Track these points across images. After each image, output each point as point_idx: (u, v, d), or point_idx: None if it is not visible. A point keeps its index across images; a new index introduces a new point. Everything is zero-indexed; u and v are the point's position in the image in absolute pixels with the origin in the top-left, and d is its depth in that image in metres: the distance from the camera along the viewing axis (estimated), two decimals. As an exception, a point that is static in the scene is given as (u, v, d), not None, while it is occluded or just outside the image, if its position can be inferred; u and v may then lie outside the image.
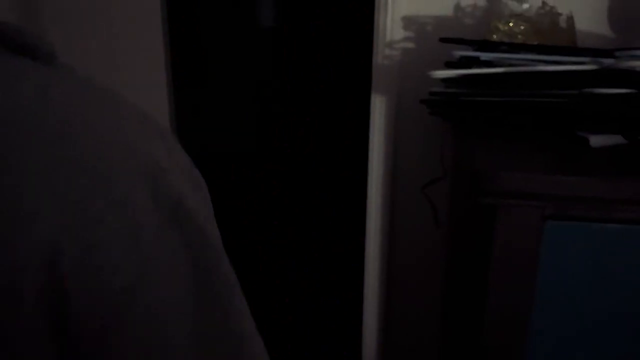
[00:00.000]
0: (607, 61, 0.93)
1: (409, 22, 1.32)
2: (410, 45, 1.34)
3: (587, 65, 0.94)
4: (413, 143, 1.42)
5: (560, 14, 1.15)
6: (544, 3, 1.15)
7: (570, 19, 1.15)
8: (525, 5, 1.16)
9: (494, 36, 1.13)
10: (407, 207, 1.48)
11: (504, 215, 0.82)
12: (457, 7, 1.29)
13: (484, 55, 1.02)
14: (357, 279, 1.57)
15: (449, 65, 1.06)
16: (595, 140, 0.89)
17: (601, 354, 0.88)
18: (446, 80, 1.08)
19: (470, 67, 1.01)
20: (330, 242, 2.70)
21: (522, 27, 1.13)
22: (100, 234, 0.36)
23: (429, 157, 1.38)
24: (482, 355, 0.91)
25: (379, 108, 1.39)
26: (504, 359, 0.90)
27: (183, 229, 0.39)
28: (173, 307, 0.39)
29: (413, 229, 1.50)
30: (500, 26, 1.13)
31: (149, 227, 0.38)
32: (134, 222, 0.37)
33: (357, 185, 1.51)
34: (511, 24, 1.13)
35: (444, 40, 1.09)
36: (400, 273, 1.54)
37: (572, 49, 1.06)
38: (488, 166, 0.82)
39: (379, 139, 1.41)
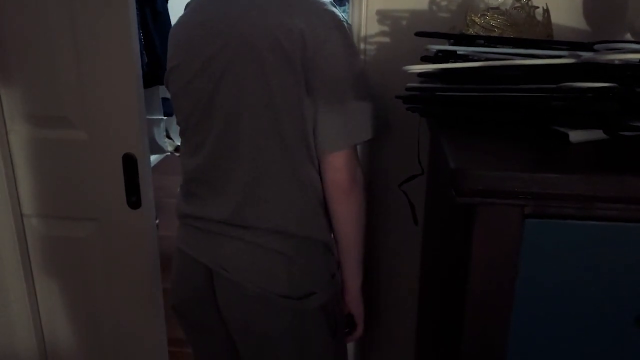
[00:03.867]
0: (586, 54, 0.92)
1: (383, 16, 1.30)
2: (385, 39, 1.32)
3: (565, 59, 0.92)
4: (389, 139, 1.40)
5: (536, 7, 1.14)
6: (520, -4, 1.13)
7: (546, 12, 1.14)
8: (501, -2, 1.15)
9: (470, 30, 1.11)
10: (384, 204, 1.46)
11: (482, 214, 0.80)
12: (432, 1, 1.27)
13: (461, 49, 1.00)
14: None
15: (425, 59, 1.04)
16: (575, 136, 0.87)
17: (582, 353, 0.87)
18: (422, 75, 1.06)
19: (446, 62, 0.99)
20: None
21: (498, 21, 1.12)
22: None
23: (405, 153, 1.37)
24: (461, 355, 0.89)
25: (354, 104, 1.36)
26: (484, 358, 0.88)
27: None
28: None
29: (391, 225, 1.48)
30: (477, 19, 1.11)
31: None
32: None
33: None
34: (487, 17, 1.12)
35: (419, 34, 1.06)
36: (378, 270, 1.53)
37: (550, 42, 1.04)
38: (466, 164, 0.80)
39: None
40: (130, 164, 1.56)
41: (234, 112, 1.15)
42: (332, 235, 1.25)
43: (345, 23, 1.14)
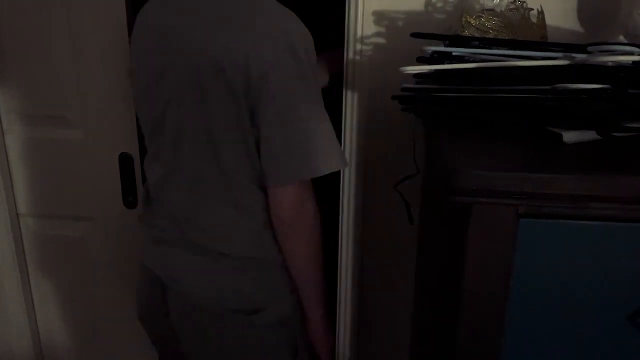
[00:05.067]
0: (580, 56, 0.93)
1: (380, 17, 1.31)
2: (381, 40, 1.32)
3: (559, 61, 0.93)
4: (385, 139, 1.41)
5: (531, 9, 1.14)
6: (515, -2, 1.14)
7: (540, 13, 1.14)
8: (496, 0, 1.15)
9: (466, 31, 1.12)
10: (380, 204, 1.46)
11: (477, 214, 0.81)
12: (428, 2, 1.28)
13: (456, 51, 1.00)
14: (331, 274, 1.55)
15: (421, 60, 1.05)
16: (569, 136, 0.88)
17: (576, 351, 0.88)
18: (418, 76, 1.07)
19: (442, 63, 1.00)
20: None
21: (493, 22, 1.13)
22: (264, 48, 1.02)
23: (401, 154, 1.37)
24: (456, 354, 0.89)
25: (350, 103, 1.37)
26: (478, 358, 0.89)
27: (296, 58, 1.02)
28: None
29: (386, 226, 1.49)
30: (472, 21, 1.12)
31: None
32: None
33: (330, 182, 1.49)
34: (482, 19, 1.12)
35: (415, 35, 1.07)
36: (373, 269, 1.53)
37: (545, 44, 1.05)
38: (461, 164, 0.81)
39: (350, 135, 1.39)
40: (126, 163, 1.57)
41: (178, 133, 1.12)
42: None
43: (302, 40, 1.05)
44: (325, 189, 1.48)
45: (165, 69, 1.09)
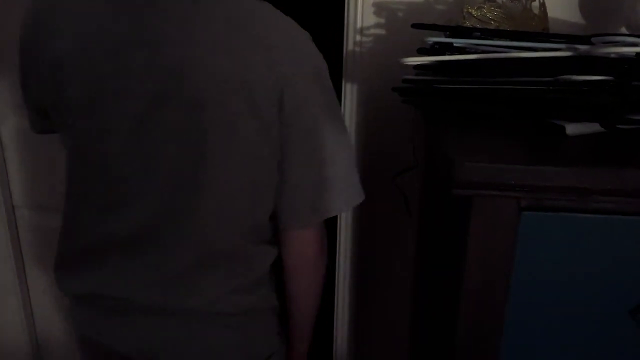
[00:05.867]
0: (583, 47, 0.92)
1: (380, 8, 1.30)
2: (381, 31, 1.31)
3: (562, 52, 0.92)
4: (384, 131, 1.40)
5: (532, 0, 1.13)
6: (516, -12, 1.13)
7: (542, 5, 1.14)
8: (498, -9, 1.14)
9: (467, 22, 1.11)
10: (378, 196, 1.46)
11: (478, 207, 0.80)
12: (429, -7, 1.27)
13: (457, 42, 0.99)
14: (329, 267, 1.54)
15: (422, 52, 1.04)
16: (572, 129, 0.87)
17: (577, 345, 0.87)
18: (418, 67, 1.06)
19: (443, 54, 0.99)
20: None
21: (495, 13, 1.12)
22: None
23: (400, 146, 1.36)
24: (456, 348, 0.89)
25: (349, 96, 1.36)
26: (478, 351, 0.88)
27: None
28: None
29: (384, 218, 1.48)
30: (473, 12, 1.11)
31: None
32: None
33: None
34: (484, 10, 1.11)
35: (416, 26, 1.06)
36: (371, 261, 1.53)
37: (547, 35, 1.04)
38: (462, 156, 0.80)
39: (350, 126, 1.39)
40: None
41: (179, 174, 0.94)
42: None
43: (321, 60, 0.93)
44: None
45: (164, 97, 0.85)
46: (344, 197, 0.98)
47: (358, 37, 1.32)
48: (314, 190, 0.95)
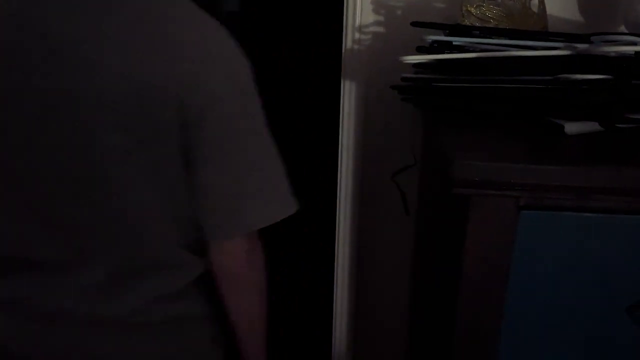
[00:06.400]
0: (582, 46, 0.92)
1: (379, 5, 1.29)
2: (380, 29, 1.31)
3: (561, 51, 0.92)
4: (383, 129, 1.40)
5: (532, -1, 1.14)
6: (515, -14, 1.13)
7: (541, 3, 1.14)
8: (497, -11, 1.14)
9: (466, 20, 1.11)
10: (377, 194, 1.46)
11: (477, 205, 0.80)
12: (428, -9, 1.26)
13: (457, 40, 0.99)
14: (327, 265, 1.55)
15: (421, 50, 1.04)
16: (571, 128, 0.87)
17: (575, 342, 0.87)
18: (417, 66, 1.06)
19: (442, 52, 0.99)
20: (300, 230, 2.67)
21: (494, 12, 1.12)
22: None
23: (399, 144, 1.36)
24: (454, 347, 0.89)
25: (348, 94, 1.36)
26: (476, 351, 0.88)
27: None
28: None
29: (383, 216, 1.48)
30: (472, 10, 1.11)
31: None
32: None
33: (327, 172, 1.48)
34: (483, 8, 1.11)
35: (415, 24, 1.06)
36: (370, 260, 1.53)
37: (546, 34, 1.04)
38: (461, 155, 0.80)
39: (348, 125, 1.38)
40: None
41: (77, 183, 0.89)
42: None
43: (242, 63, 0.86)
44: (322, 180, 1.48)
45: (61, 98, 0.81)
46: (266, 208, 0.90)
47: (357, 35, 1.31)
48: (230, 200, 0.88)
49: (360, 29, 1.31)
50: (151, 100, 0.80)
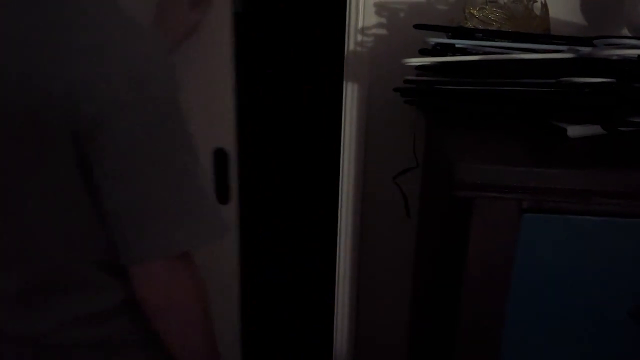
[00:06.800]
0: (585, 49, 0.91)
1: (381, 8, 1.29)
2: (383, 31, 1.31)
3: (564, 54, 0.92)
4: (385, 132, 1.40)
5: (534, 1, 1.13)
6: (518, -11, 1.13)
7: (544, 6, 1.13)
8: (500, -8, 1.14)
9: (469, 23, 1.10)
10: (378, 196, 1.46)
11: (480, 208, 0.80)
12: (431, -7, 1.26)
13: (459, 43, 0.99)
14: (329, 267, 1.55)
15: (423, 52, 1.04)
16: (573, 131, 0.87)
17: (577, 346, 0.87)
18: (420, 68, 1.06)
19: (444, 55, 0.99)
20: (301, 232, 2.67)
21: (496, 14, 1.11)
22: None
23: (401, 146, 1.36)
24: (455, 349, 0.89)
25: (350, 96, 1.36)
26: (479, 353, 0.88)
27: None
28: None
29: (384, 218, 1.48)
30: (475, 13, 1.11)
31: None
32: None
33: (329, 174, 1.47)
34: (486, 11, 1.11)
35: (418, 26, 1.06)
36: (371, 262, 1.53)
37: (549, 37, 1.04)
38: (463, 157, 0.80)
39: (350, 127, 1.38)
40: (221, 159, 1.50)
41: None
42: None
43: (154, 66, 0.77)
44: (323, 181, 1.47)
45: None
46: (179, 233, 0.80)
47: (359, 37, 1.31)
48: (135, 223, 0.79)
49: (362, 31, 1.31)
50: (46, 109, 0.73)
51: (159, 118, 0.77)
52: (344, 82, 1.35)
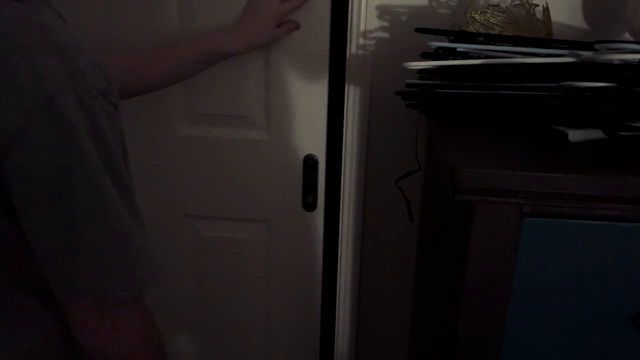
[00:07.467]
0: (586, 54, 0.92)
1: (383, 11, 1.30)
2: (384, 35, 1.31)
3: (565, 58, 0.92)
4: (387, 135, 1.40)
5: (536, 5, 1.14)
6: (520, -7, 1.13)
7: (546, 10, 1.14)
8: (502, -4, 1.15)
9: (470, 27, 1.11)
10: (380, 200, 1.46)
11: (481, 212, 0.80)
12: (433, -3, 1.27)
13: (461, 46, 0.99)
14: (331, 269, 1.55)
15: (425, 56, 1.04)
16: (574, 135, 0.87)
17: (578, 351, 0.87)
18: (422, 72, 1.06)
19: (446, 59, 0.99)
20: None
21: (498, 18, 1.12)
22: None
23: (403, 150, 1.37)
24: (456, 352, 0.89)
25: (352, 99, 1.36)
26: (479, 357, 0.88)
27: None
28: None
29: (386, 222, 1.48)
30: (477, 17, 1.11)
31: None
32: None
33: (330, 177, 1.47)
34: (488, 15, 1.11)
35: (419, 30, 1.06)
36: (373, 265, 1.53)
37: (551, 41, 1.04)
38: (465, 162, 0.80)
39: (352, 130, 1.38)
40: (311, 166, 1.46)
41: None
42: None
43: (79, 77, 0.67)
44: (325, 184, 1.47)
45: None
46: (111, 281, 0.73)
47: (361, 41, 1.32)
48: (61, 266, 0.71)
49: (364, 34, 1.31)
50: None
51: (74, 147, 0.68)
52: (346, 85, 1.36)
